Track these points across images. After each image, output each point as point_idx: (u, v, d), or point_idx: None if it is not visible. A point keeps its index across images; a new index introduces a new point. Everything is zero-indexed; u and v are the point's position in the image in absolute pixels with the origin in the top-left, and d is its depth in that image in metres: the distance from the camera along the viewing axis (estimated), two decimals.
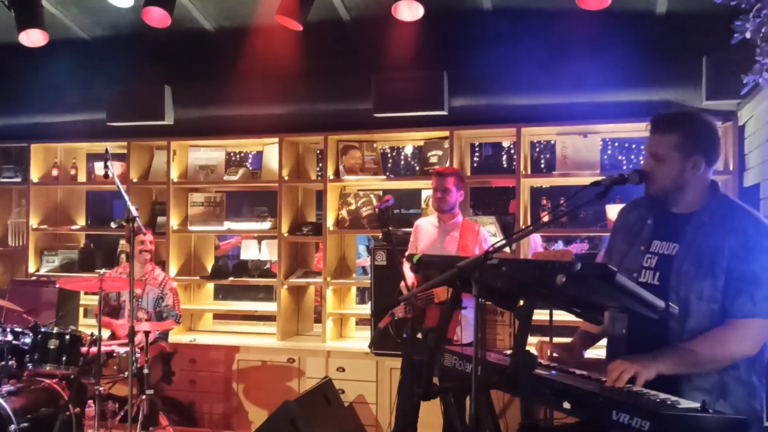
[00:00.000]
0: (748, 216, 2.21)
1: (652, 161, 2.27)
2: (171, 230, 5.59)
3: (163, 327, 4.66)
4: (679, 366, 2.07)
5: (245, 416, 5.11)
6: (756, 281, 2.11)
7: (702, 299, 2.15)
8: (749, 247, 2.14)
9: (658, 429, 1.69)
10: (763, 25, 2.95)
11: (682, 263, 2.21)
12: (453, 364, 2.41)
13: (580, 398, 1.88)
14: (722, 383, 2.16)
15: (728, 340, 2.12)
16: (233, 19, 5.23)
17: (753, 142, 4.26)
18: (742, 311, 2.12)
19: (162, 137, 5.65)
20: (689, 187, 2.26)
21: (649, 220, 2.38)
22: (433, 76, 4.85)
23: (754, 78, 3.06)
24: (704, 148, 2.26)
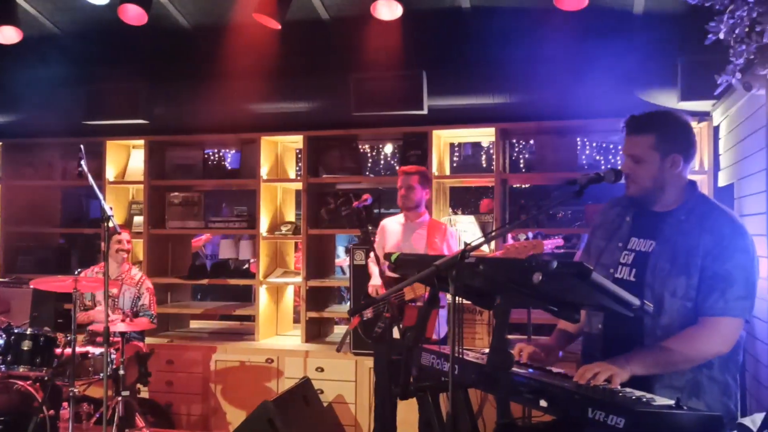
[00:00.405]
0: (725, 216, 2.24)
1: (631, 162, 2.30)
2: (148, 230, 5.54)
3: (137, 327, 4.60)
4: (653, 366, 2.10)
5: (223, 417, 5.08)
6: (729, 280, 2.14)
7: (676, 296, 2.17)
8: (724, 246, 2.16)
9: (632, 426, 1.71)
10: (736, 26, 2.98)
11: (657, 260, 2.23)
12: (431, 363, 2.41)
13: (557, 396, 1.89)
14: (696, 382, 2.18)
15: (700, 339, 2.14)
16: (211, 17, 5.19)
17: (727, 143, 4.32)
18: (714, 309, 2.14)
19: (138, 136, 5.58)
20: (668, 185, 2.29)
21: (628, 217, 2.40)
22: (412, 75, 4.85)
23: (727, 78, 3.09)
24: (681, 145, 2.29)
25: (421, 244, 4.13)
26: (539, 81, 4.71)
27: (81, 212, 6.56)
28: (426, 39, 5.01)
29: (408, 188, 4.18)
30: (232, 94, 5.30)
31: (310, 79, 5.18)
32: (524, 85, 4.74)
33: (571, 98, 4.65)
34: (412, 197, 4.19)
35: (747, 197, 3.71)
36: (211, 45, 5.26)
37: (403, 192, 4.19)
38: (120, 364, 4.06)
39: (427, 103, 4.85)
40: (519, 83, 4.75)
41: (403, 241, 4.15)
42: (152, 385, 4.84)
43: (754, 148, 3.51)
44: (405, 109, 4.89)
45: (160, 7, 4.98)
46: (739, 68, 3.10)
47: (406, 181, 4.20)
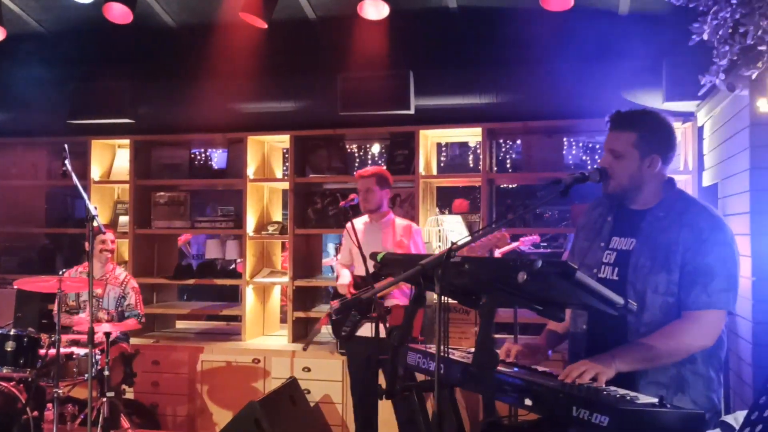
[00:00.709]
0: (703, 211, 2.26)
1: (610, 157, 2.32)
2: (133, 230, 5.50)
3: (124, 327, 4.58)
4: (638, 362, 2.11)
5: (210, 417, 5.05)
6: (710, 273, 2.15)
7: (657, 292, 2.19)
8: (703, 240, 2.18)
9: (616, 424, 1.72)
10: (719, 27, 3.00)
11: (638, 258, 2.25)
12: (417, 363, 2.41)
13: (541, 395, 1.90)
14: (680, 377, 2.20)
15: (684, 332, 2.15)
16: (197, 16, 5.17)
17: (711, 143, 4.35)
18: (697, 303, 2.16)
19: (124, 135, 5.55)
20: (646, 184, 2.31)
21: (609, 217, 2.42)
22: (398, 75, 4.85)
23: (711, 79, 3.12)
24: (661, 147, 2.31)
25: (388, 244, 4.15)
26: (525, 81, 4.73)
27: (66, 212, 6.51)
28: (413, 39, 5.01)
29: (367, 191, 4.21)
30: (219, 93, 5.28)
31: (296, 78, 5.17)
32: (511, 85, 4.76)
33: (558, 98, 4.68)
34: (371, 199, 4.22)
35: (731, 197, 3.74)
36: (197, 44, 5.24)
37: (362, 195, 4.22)
38: (105, 364, 4.04)
39: (414, 102, 4.86)
40: (505, 83, 4.77)
41: (369, 241, 4.13)
42: (138, 385, 4.81)
43: (738, 148, 3.54)
44: (392, 109, 4.89)
45: (146, 6, 4.95)
46: (723, 69, 3.12)
47: (365, 184, 4.22)
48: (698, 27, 3.09)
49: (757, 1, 2.90)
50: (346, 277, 4.25)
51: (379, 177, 4.25)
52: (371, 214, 4.29)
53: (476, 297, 2.20)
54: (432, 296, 2.31)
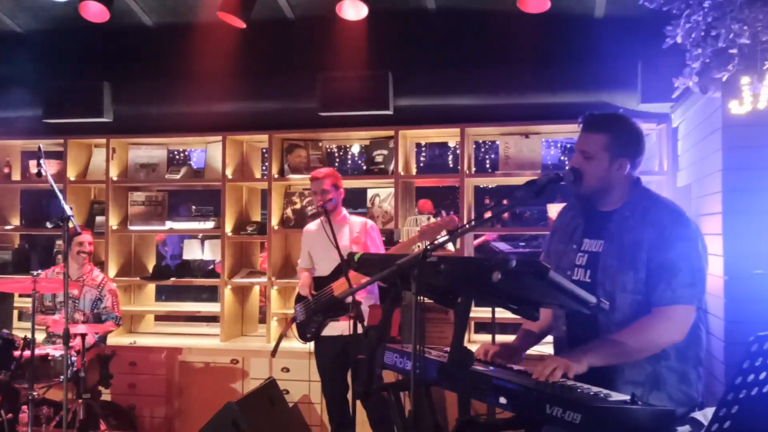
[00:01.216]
0: (666, 207, 2.31)
1: (581, 158, 2.35)
2: (110, 230, 5.46)
3: (101, 329, 4.54)
4: (609, 357, 2.14)
5: (187, 419, 5.03)
6: (673, 269, 2.19)
7: (626, 291, 2.22)
8: (665, 236, 2.22)
9: (589, 421, 1.74)
10: (692, 30, 3.05)
11: (606, 258, 2.29)
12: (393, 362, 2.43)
13: (515, 393, 1.92)
14: (655, 374, 2.23)
15: (652, 328, 2.19)
16: (175, 15, 5.14)
17: (685, 144, 4.42)
18: (663, 299, 2.19)
19: (101, 135, 5.51)
20: (613, 187, 2.36)
21: (581, 219, 2.45)
22: (378, 75, 4.87)
23: (684, 81, 3.16)
24: (631, 151, 2.35)
25: (346, 241, 4.16)
26: (503, 83, 4.76)
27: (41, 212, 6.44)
28: (392, 40, 5.03)
29: (322, 192, 4.19)
30: (197, 93, 5.26)
31: (275, 78, 5.16)
32: (489, 86, 4.79)
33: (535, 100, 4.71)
34: (337, 199, 4.24)
35: (704, 197, 3.80)
36: (175, 44, 5.21)
37: (319, 198, 4.20)
38: (81, 366, 4.00)
39: (393, 103, 4.87)
40: (483, 85, 4.80)
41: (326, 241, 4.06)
42: (115, 387, 4.77)
43: (711, 149, 3.60)
44: (371, 109, 4.90)
45: (123, 5, 4.92)
46: (696, 71, 3.16)
47: (319, 185, 4.20)
48: (672, 30, 3.13)
49: (729, 5, 2.95)
50: (303, 280, 4.27)
51: (333, 176, 4.26)
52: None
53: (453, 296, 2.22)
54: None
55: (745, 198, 3.29)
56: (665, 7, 3.19)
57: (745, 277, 3.19)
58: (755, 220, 3.25)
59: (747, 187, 3.30)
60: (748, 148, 3.31)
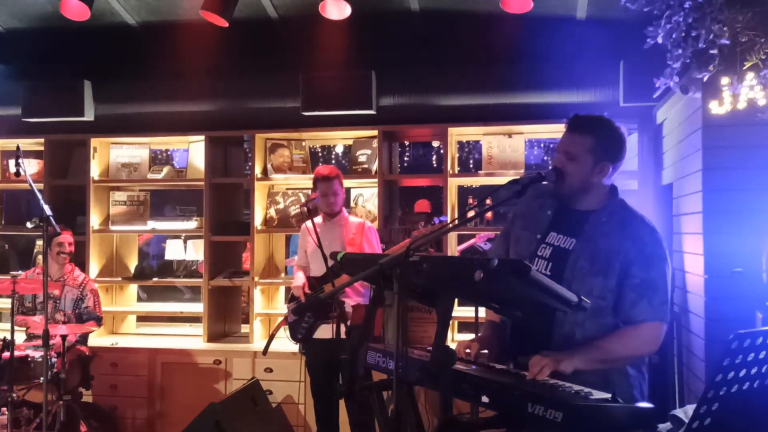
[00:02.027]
0: (644, 224, 2.36)
1: (564, 158, 2.36)
2: (91, 230, 5.41)
3: (82, 330, 4.49)
4: (594, 362, 2.19)
5: (170, 420, 4.99)
6: (654, 287, 2.26)
7: (591, 295, 2.24)
8: (647, 254, 2.28)
9: (570, 419, 1.75)
10: (673, 31, 3.07)
11: (578, 258, 2.31)
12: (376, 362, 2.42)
13: (498, 392, 1.93)
14: (605, 376, 2.26)
15: (635, 340, 2.27)
16: (157, 13, 5.10)
17: (668, 143, 4.45)
18: (644, 315, 2.26)
19: (82, 134, 5.45)
20: (593, 189, 2.38)
21: (549, 211, 2.46)
22: (361, 75, 4.86)
23: (665, 82, 3.19)
24: (613, 155, 2.37)
25: (341, 242, 4.15)
26: (486, 83, 4.77)
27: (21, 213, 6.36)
28: (375, 39, 5.02)
29: (333, 194, 4.16)
30: (180, 92, 5.23)
31: (258, 77, 5.13)
32: (472, 86, 4.80)
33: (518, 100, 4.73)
34: (338, 201, 4.20)
35: (685, 197, 3.84)
36: (157, 42, 5.18)
37: (331, 199, 4.16)
38: (61, 367, 3.96)
39: (376, 102, 4.87)
40: (467, 84, 4.80)
41: (327, 240, 4.08)
42: (96, 389, 4.73)
43: (691, 149, 3.63)
44: (354, 109, 4.90)
45: (104, 3, 4.87)
46: (677, 72, 3.20)
47: (330, 187, 4.16)
48: (653, 30, 3.16)
49: (709, 6, 2.98)
50: (299, 279, 4.23)
51: (341, 177, 4.24)
52: (324, 214, 4.26)
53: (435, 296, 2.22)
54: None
55: (725, 197, 3.32)
56: (646, 7, 3.22)
57: (725, 275, 3.22)
58: (735, 220, 3.28)
59: (727, 186, 3.33)
60: (727, 148, 3.34)
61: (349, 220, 4.32)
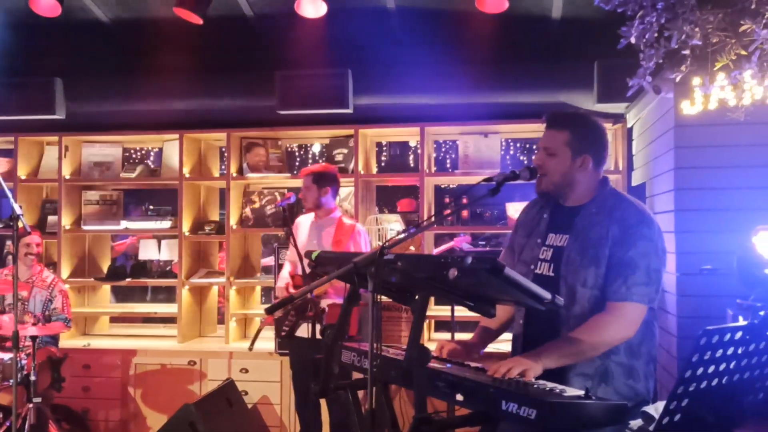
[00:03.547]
0: (632, 206, 2.34)
1: (544, 155, 2.38)
2: (63, 230, 5.32)
3: (50, 331, 4.42)
4: (564, 358, 2.17)
5: (143, 422, 4.94)
6: (631, 266, 2.23)
7: (586, 286, 2.25)
8: (629, 234, 2.26)
9: (544, 416, 1.76)
10: (646, 31, 3.10)
11: (569, 252, 2.32)
12: (351, 360, 2.42)
13: (472, 390, 1.93)
14: (604, 368, 2.26)
15: (604, 325, 2.22)
16: (130, 10, 5.03)
17: (639, 144, 4.50)
18: (618, 295, 2.22)
19: (53, 132, 5.37)
20: (578, 183, 2.38)
21: (546, 214, 2.48)
22: (337, 74, 4.84)
23: (638, 82, 3.21)
24: (593, 148, 2.38)
25: (328, 242, 4.14)
26: (462, 82, 4.78)
27: None
28: (352, 38, 5.00)
29: (305, 189, 4.22)
30: (153, 90, 5.16)
31: (234, 76, 5.09)
32: (448, 86, 4.80)
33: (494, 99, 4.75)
34: (308, 198, 4.23)
35: (657, 196, 3.88)
36: (130, 40, 5.11)
37: (302, 194, 4.23)
38: (31, 369, 3.89)
39: (352, 102, 4.85)
40: (443, 84, 4.81)
41: (311, 239, 4.17)
42: (67, 391, 4.65)
43: (664, 148, 3.67)
44: (331, 108, 4.87)
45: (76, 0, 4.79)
46: (650, 72, 3.22)
47: (304, 182, 4.25)
48: (626, 30, 3.18)
49: (681, 7, 3.01)
50: (283, 279, 4.22)
51: (317, 175, 4.23)
52: (316, 211, 4.27)
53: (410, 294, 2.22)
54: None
55: (696, 196, 3.37)
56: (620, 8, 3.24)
57: (696, 273, 3.26)
58: (706, 218, 3.33)
59: (698, 185, 3.38)
60: (699, 148, 3.39)
61: (341, 220, 4.29)
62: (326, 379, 2.27)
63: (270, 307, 2.45)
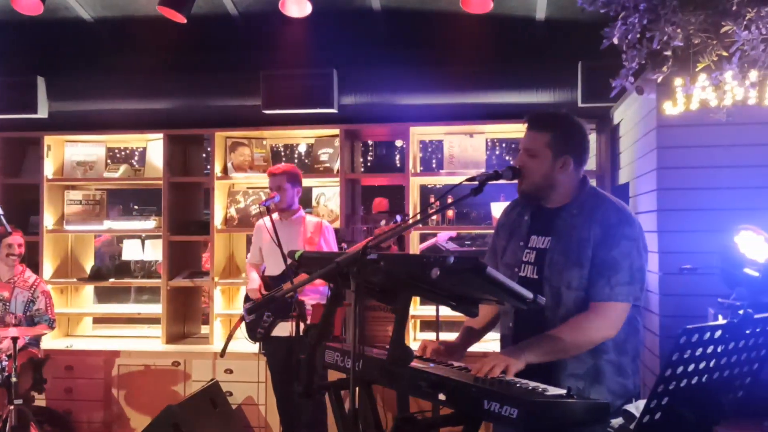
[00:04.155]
0: (613, 206, 2.34)
1: (525, 156, 2.37)
2: (45, 230, 5.28)
3: (33, 332, 4.38)
4: (546, 354, 2.16)
5: (127, 423, 4.90)
6: (614, 266, 2.23)
7: (571, 288, 2.25)
8: (611, 234, 2.25)
9: (525, 415, 1.76)
10: (628, 32, 3.12)
11: (553, 254, 2.31)
12: (334, 360, 2.41)
13: (454, 389, 1.92)
14: (596, 368, 2.26)
15: (587, 324, 2.22)
16: (113, 8, 5.00)
17: (624, 143, 4.53)
18: (601, 295, 2.23)
19: (35, 131, 5.32)
20: (559, 184, 2.37)
21: (527, 216, 2.47)
22: (323, 73, 4.83)
23: (621, 82, 3.24)
24: (574, 149, 2.37)
25: (299, 241, 4.12)
26: (447, 82, 4.79)
27: None
28: (337, 38, 5.00)
29: (278, 189, 4.17)
30: (137, 89, 5.13)
31: (218, 75, 5.06)
32: (433, 86, 4.81)
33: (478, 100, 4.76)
34: (285, 198, 4.19)
35: (640, 195, 3.90)
36: (114, 38, 5.08)
37: (273, 194, 4.15)
38: (12, 371, 3.85)
39: (338, 101, 4.85)
40: (428, 84, 4.81)
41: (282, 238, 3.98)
42: (50, 392, 4.62)
43: (647, 148, 3.69)
44: (316, 107, 4.87)
45: None
46: (632, 72, 3.25)
47: (276, 182, 4.18)
48: (609, 31, 3.20)
49: (663, 8, 3.03)
50: (255, 281, 4.20)
51: (290, 174, 4.22)
52: (284, 212, 4.25)
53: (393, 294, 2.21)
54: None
55: (678, 196, 3.40)
56: (603, 9, 3.26)
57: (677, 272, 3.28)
58: (688, 218, 3.35)
59: (680, 185, 3.40)
60: (681, 148, 3.41)
61: (306, 219, 4.30)
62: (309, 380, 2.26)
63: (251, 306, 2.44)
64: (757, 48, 2.88)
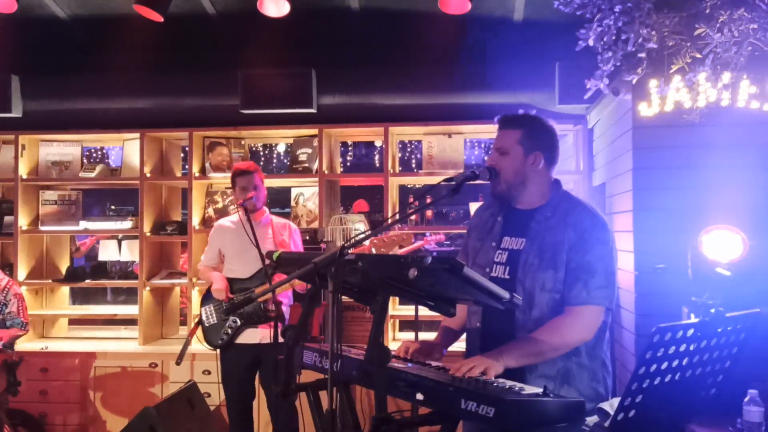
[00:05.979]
0: (586, 210, 2.38)
1: (498, 155, 2.43)
2: (19, 231, 5.20)
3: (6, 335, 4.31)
4: (524, 358, 2.20)
5: (103, 425, 4.85)
6: (590, 270, 2.27)
7: (545, 290, 2.28)
8: (585, 239, 2.30)
9: (502, 414, 1.77)
10: (604, 34, 3.15)
11: (527, 256, 2.34)
12: (312, 361, 2.41)
13: (432, 389, 1.94)
14: (566, 370, 2.30)
15: (565, 328, 2.26)
16: (88, 6, 4.94)
17: (599, 145, 4.57)
18: (578, 299, 2.27)
19: (9, 131, 5.24)
20: (530, 182, 2.41)
21: (500, 217, 2.50)
22: (301, 73, 4.82)
23: (596, 83, 3.27)
24: (544, 145, 2.42)
25: (268, 243, 4.06)
26: (426, 82, 4.80)
27: None
28: (315, 38, 5.00)
29: (255, 188, 4.04)
30: (114, 88, 5.07)
31: (196, 74, 5.02)
32: (412, 86, 4.81)
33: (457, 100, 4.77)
34: (260, 197, 4.10)
35: (616, 196, 3.94)
36: (90, 37, 5.02)
37: (252, 193, 4.01)
38: None
39: (316, 101, 4.84)
40: (407, 84, 4.81)
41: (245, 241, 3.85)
42: (24, 395, 4.55)
43: (622, 149, 3.73)
44: (294, 107, 4.85)
45: None
46: (607, 74, 3.28)
47: (249, 180, 4.04)
48: (584, 33, 3.23)
49: (637, 11, 3.07)
50: (220, 280, 4.08)
51: (260, 173, 4.17)
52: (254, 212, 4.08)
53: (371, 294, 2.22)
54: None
55: (654, 196, 3.44)
56: (579, 11, 3.29)
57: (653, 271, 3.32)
58: (663, 217, 3.39)
59: (655, 185, 3.44)
60: (656, 149, 3.46)
61: (273, 220, 4.25)
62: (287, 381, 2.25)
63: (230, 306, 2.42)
64: (729, 50, 2.93)
